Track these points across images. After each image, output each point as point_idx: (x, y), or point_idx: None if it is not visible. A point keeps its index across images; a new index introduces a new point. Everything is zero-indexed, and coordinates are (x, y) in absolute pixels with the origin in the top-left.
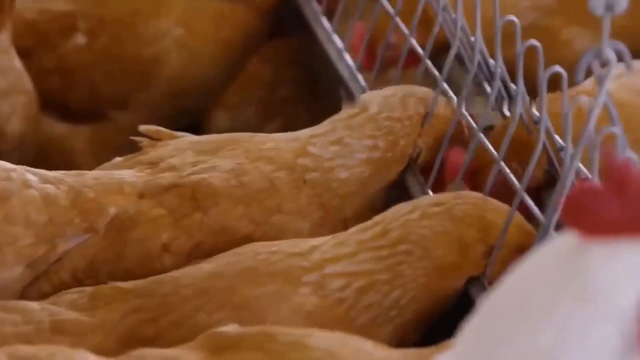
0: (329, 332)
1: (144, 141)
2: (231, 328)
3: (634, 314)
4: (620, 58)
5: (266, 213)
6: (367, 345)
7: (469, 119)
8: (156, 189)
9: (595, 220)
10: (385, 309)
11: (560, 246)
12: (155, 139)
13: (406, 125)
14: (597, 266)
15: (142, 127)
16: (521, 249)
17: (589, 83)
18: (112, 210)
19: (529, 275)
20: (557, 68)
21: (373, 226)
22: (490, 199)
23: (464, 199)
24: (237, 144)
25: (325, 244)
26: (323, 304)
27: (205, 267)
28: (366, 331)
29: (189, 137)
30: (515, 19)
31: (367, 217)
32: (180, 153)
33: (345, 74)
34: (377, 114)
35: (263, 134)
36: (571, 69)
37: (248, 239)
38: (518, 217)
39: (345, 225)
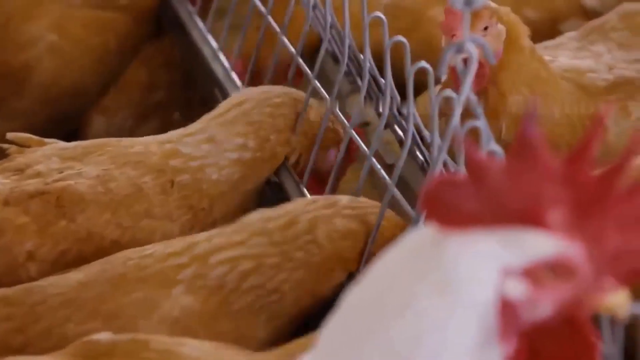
0: (203, 342)
1: (11, 148)
2: (104, 336)
3: (492, 305)
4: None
5: (134, 218)
6: (240, 356)
7: (341, 116)
8: (21, 196)
9: (453, 212)
10: (267, 292)
11: (418, 239)
12: (24, 146)
13: (277, 123)
14: (454, 258)
15: (10, 135)
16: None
17: None
18: None
19: (388, 269)
20: (423, 63)
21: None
22: (356, 199)
23: (312, 208)
24: (104, 150)
25: (218, 234)
26: (196, 300)
27: (74, 276)
28: (241, 317)
29: (57, 144)
30: (382, 16)
31: (238, 218)
32: (46, 159)
33: (220, 74)
34: (251, 110)
35: (132, 138)
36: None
37: (116, 245)
38: (389, 212)
39: (214, 227)
